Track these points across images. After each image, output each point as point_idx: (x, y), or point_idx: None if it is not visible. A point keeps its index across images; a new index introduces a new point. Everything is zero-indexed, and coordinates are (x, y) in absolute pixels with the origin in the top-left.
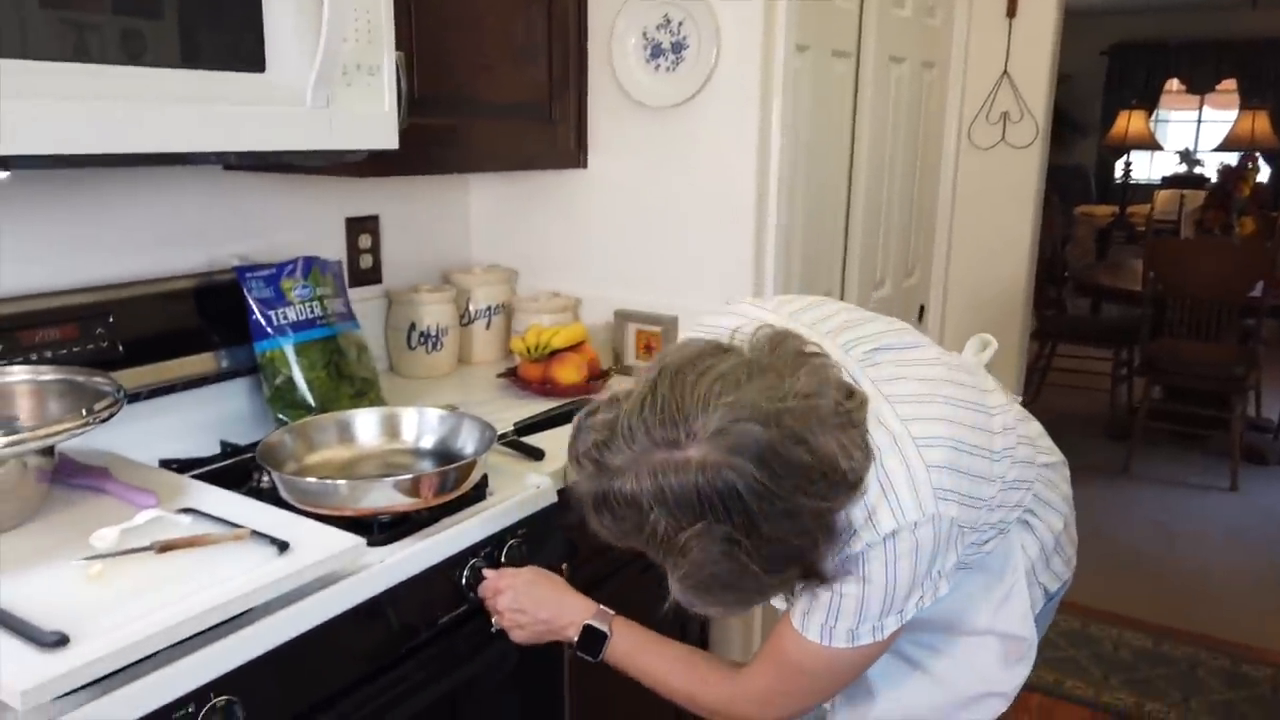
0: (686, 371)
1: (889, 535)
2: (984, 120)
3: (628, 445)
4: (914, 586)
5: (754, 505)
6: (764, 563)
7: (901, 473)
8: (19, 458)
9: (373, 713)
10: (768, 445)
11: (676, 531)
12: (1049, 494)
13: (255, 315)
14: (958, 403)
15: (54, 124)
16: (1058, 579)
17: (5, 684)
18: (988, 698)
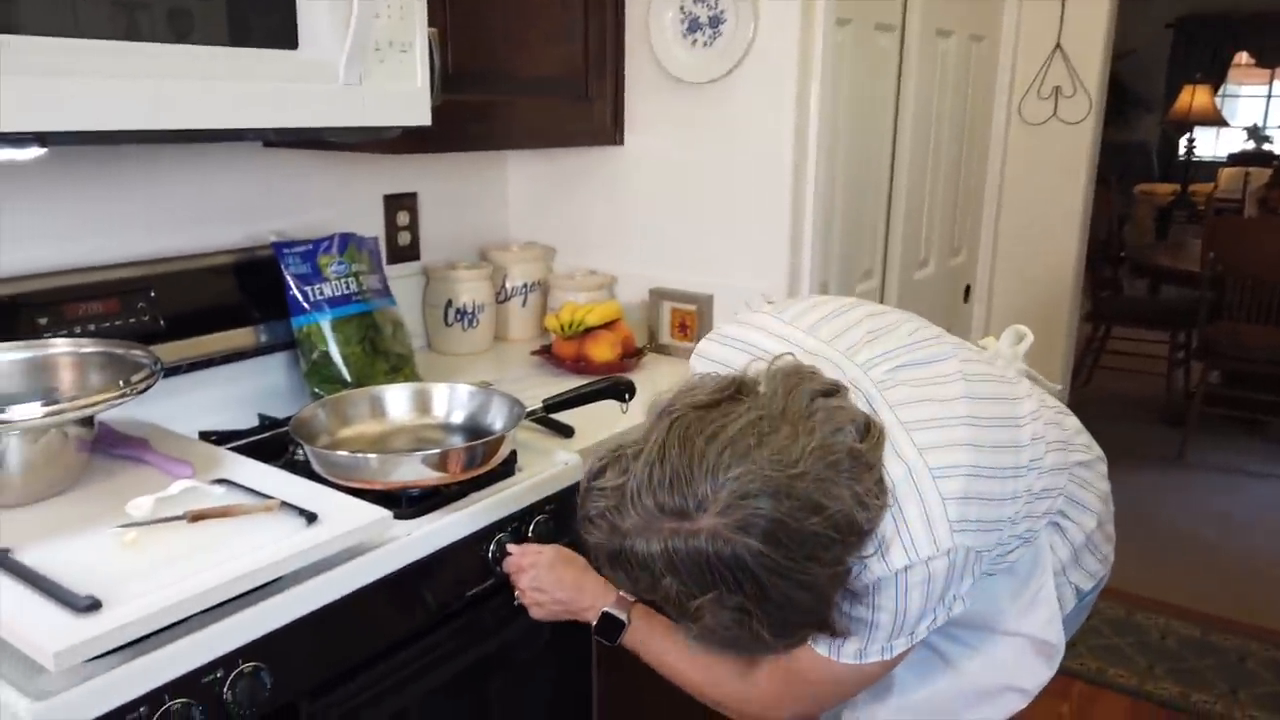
0: (695, 435)
1: (901, 570)
2: (1035, 95)
3: (637, 512)
4: (925, 613)
5: (765, 579)
6: (775, 629)
7: (915, 508)
8: (59, 427)
9: (398, 683)
10: (777, 522)
11: (688, 598)
12: (1082, 494)
13: (292, 291)
14: (980, 422)
15: (93, 101)
16: (1091, 578)
17: (39, 646)
18: (1007, 692)
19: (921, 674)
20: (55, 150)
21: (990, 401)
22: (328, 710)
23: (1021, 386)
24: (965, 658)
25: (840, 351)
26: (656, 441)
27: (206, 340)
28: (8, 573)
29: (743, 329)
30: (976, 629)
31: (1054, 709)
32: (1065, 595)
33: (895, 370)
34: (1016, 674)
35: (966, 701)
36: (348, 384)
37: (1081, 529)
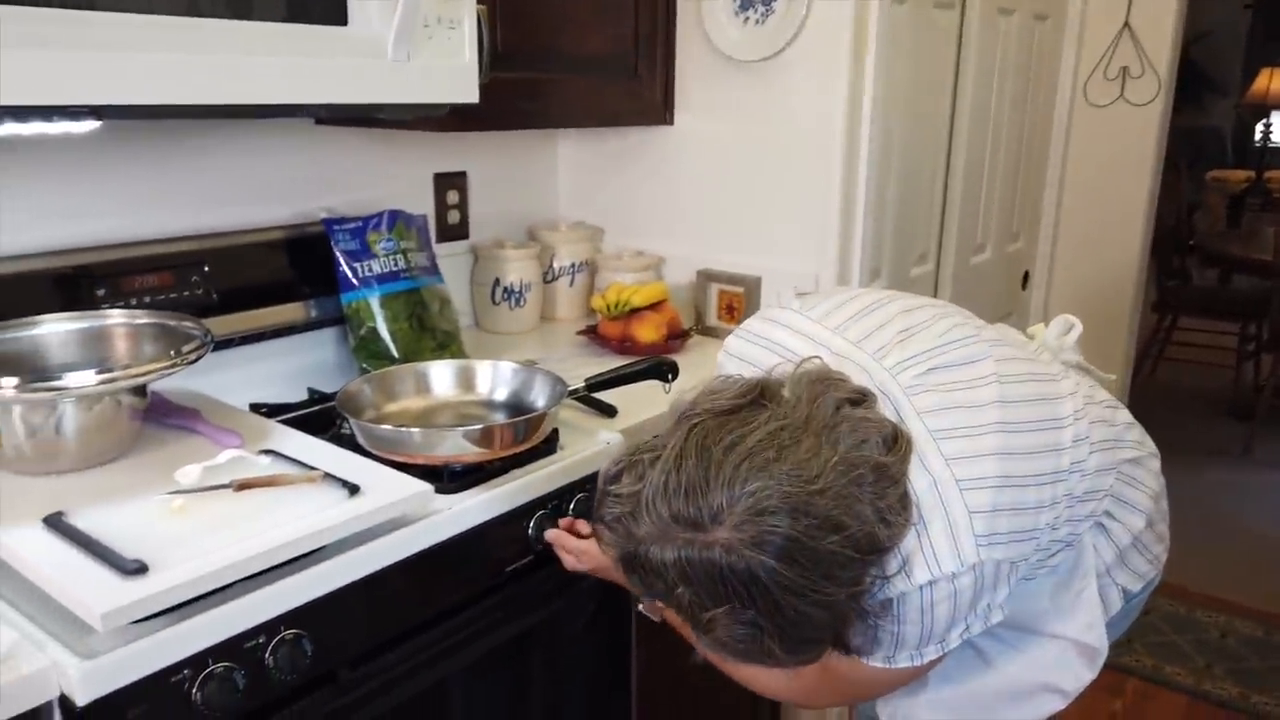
0: (713, 444)
1: (924, 585)
2: (1101, 76)
3: (651, 520)
4: (954, 624)
5: (780, 596)
6: (787, 645)
7: (940, 522)
8: (113, 395)
9: (437, 655)
10: (793, 540)
11: (701, 609)
12: (1131, 493)
13: (342, 267)
14: (1014, 428)
15: (148, 75)
16: (1140, 579)
17: (87, 606)
18: (1046, 693)
19: (958, 670)
20: (110, 124)
21: (1027, 404)
22: (367, 679)
23: (1065, 384)
24: (1004, 657)
25: (869, 354)
26: (674, 448)
27: (258, 314)
28: (60, 535)
29: (770, 326)
30: (1017, 629)
31: (1107, 706)
32: (1111, 597)
33: (926, 374)
34: (1057, 675)
35: (1003, 700)
36: (395, 360)
37: (1128, 529)
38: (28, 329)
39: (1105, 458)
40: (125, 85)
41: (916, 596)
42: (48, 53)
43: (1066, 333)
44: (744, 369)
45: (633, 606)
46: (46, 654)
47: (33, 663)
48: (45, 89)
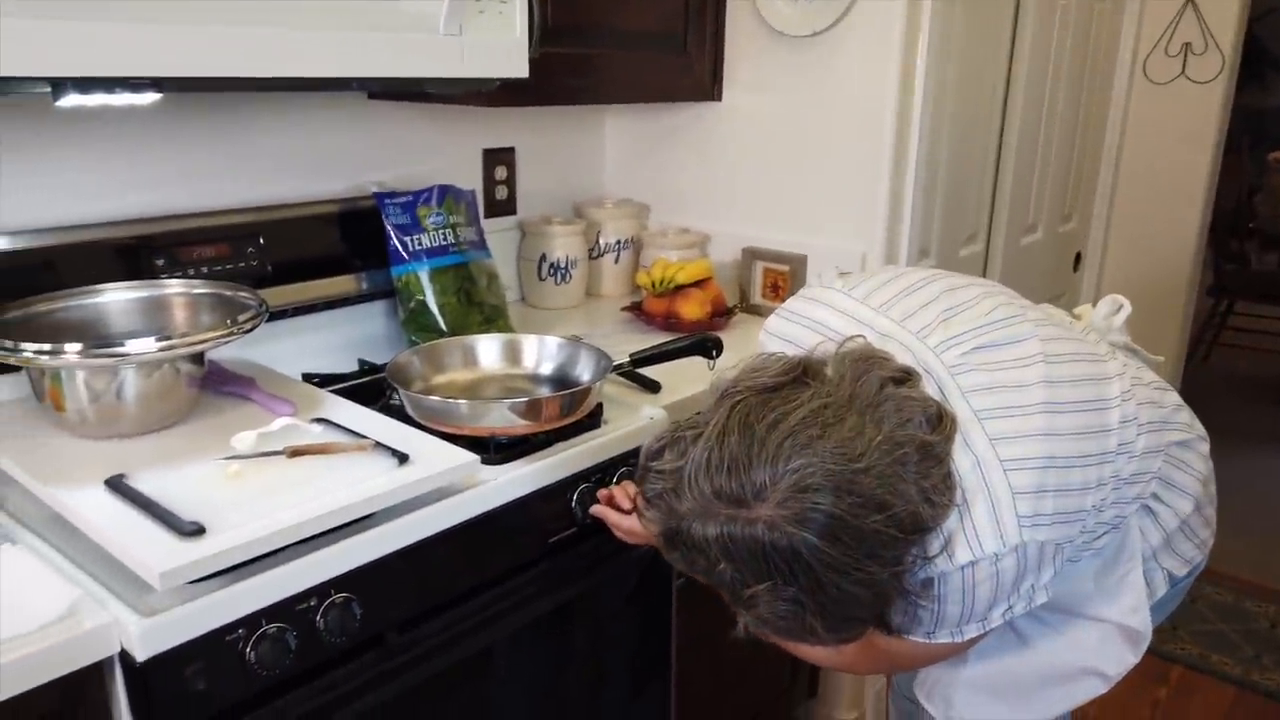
0: (756, 421)
1: (965, 566)
2: (1162, 53)
3: (693, 496)
4: (996, 603)
5: (823, 574)
6: (829, 623)
7: (984, 503)
8: (172, 363)
9: (481, 623)
10: (837, 518)
11: (743, 585)
12: (1178, 476)
13: (393, 241)
14: (1060, 408)
15: (207, 48)
16: (1186, 564)
17: (147, 566)
18: (1086, 676)
19: (997, 650)
20: (170, 97)
21: (1073, 384)
22: (414, 644)
23: (1112, 365)
24: (1045, 638)
25: (912, 333)
26: (717, 425)
27: (311, 286)
28: (122, 497)
29: (811, 305)
30: (1059, 611)
31: (1151, 693)
32: (1156, 581)
33: (970, 353)
34: (1098, 658)
35: (1043, 682)
36: (443, 333)
37: (1176, 513)
38: (91, 297)
39: (1153, 439)
40: (185, 58)
41: (958, 577)
42: (110, 25)
43: (1115, 313)
44: (786, 348)
45: (674, 580)
46: (108, 611)
47: (95, 618)
48: (107, 61)
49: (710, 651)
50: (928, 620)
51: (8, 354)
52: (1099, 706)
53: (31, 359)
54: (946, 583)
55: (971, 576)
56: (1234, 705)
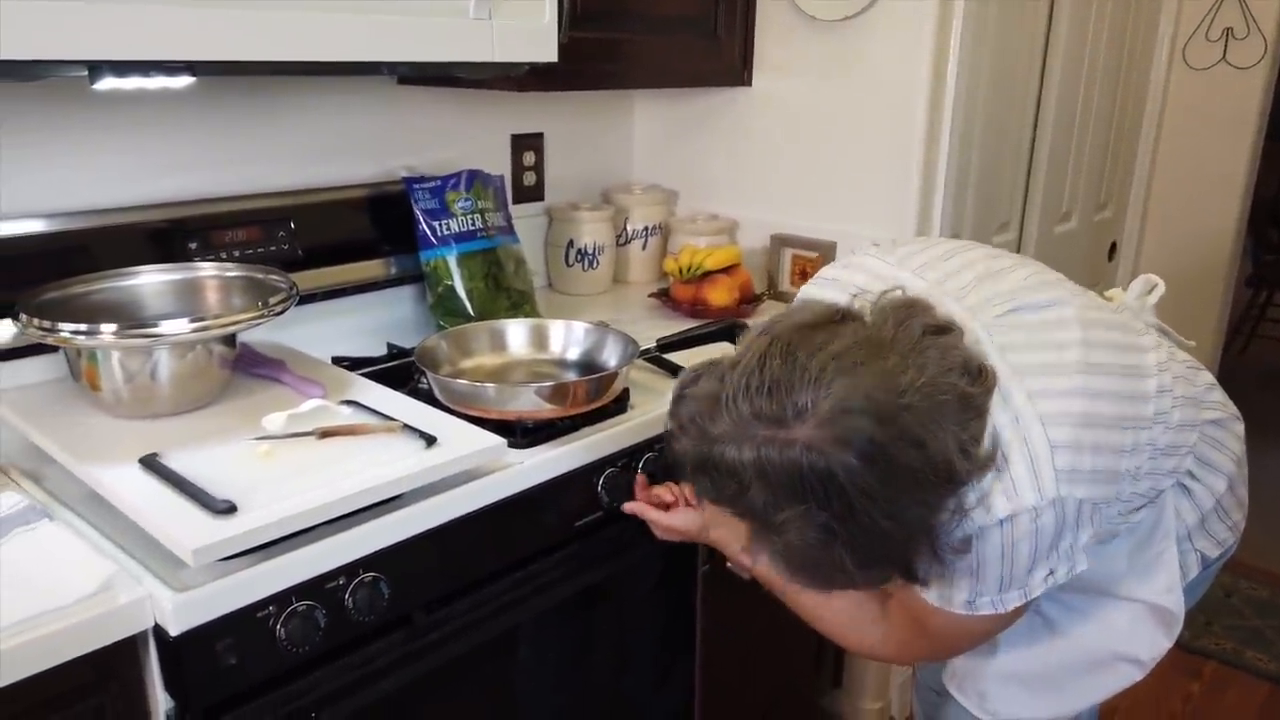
0: (799, 347)
1: (1005, 519)
2: (1202, 38)
3: (730, 417)
4: (1036, 564)
5: (856, 500)
6: (858, 557)
7: (1021, 456)
8: (204, 344)
9: (507, 605)
10: (878, 445)
11: (774, 510)
12: (1212, 454)
13: (421, 226)
14: (1098, 370)
15: (241, 31)
16: (1219, 546)
17: (180, 543)
18: (1119, 662)
19: (1027, 640)
20: (204, 82)
21: (1111, 349)
22: (441, 624)
23: (1148, 338)
24: (1076, 625)
25: (949, 294)
26: (756, 352)
27: (341, 270)
28: (156, 475)
29: (846, 270)
30: (1088, 593)
31: (1184, 687)
32: (1189, 562)
33: (1007, 315)
34: (1131, 643)
35: (1076, 669)
36: (470, 317)
37: (1211, 492)
38: (126, 279)
39: (1188, 414)
40: (219, 41)
41: (996, 533)
42: (146, 8)
43: (1148, 292)
44: None
45: (699, 565)
46: (143, 586)
47: (130, 593)
48: (143, 45)
49: (735, 637)
50: (967, 586)
51: (45, 333)
52: (1130, 700)
53: (68, 339)
54: (985, 540)
55: (1010, 533)
56: (1268, 701)
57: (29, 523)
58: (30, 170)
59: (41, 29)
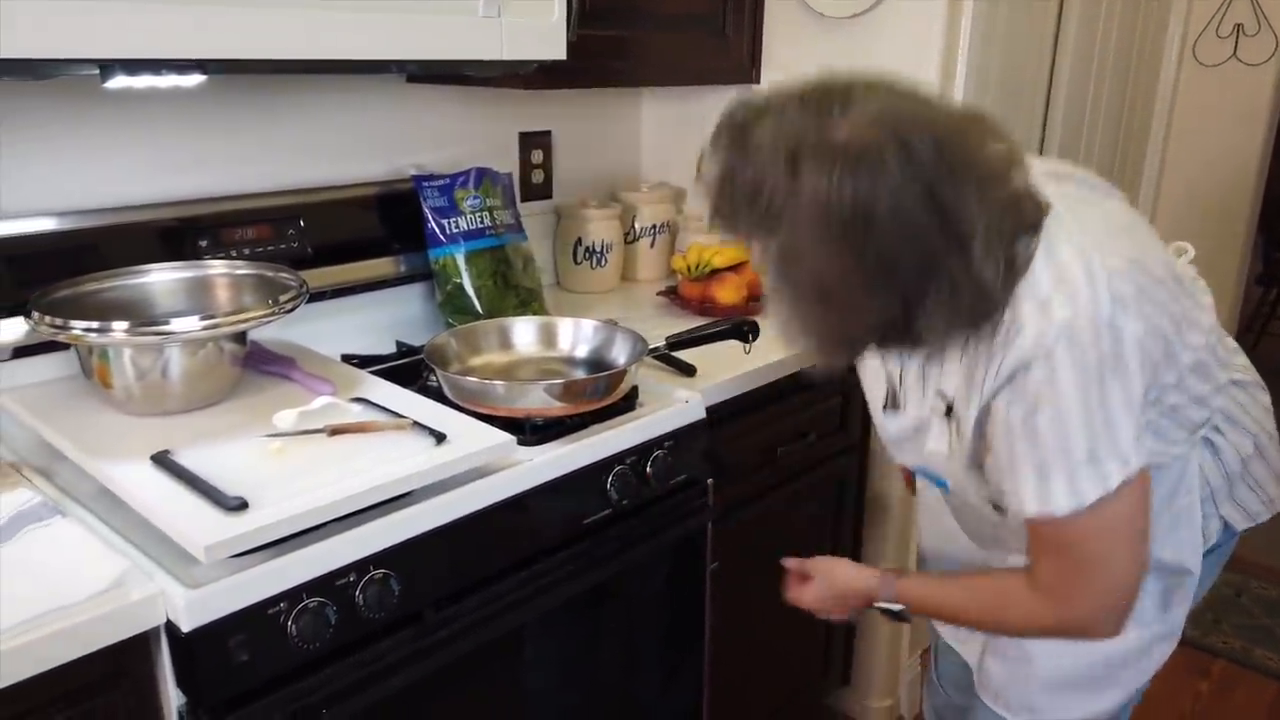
0: (857, 82)
1: (1063, 331)
2: (1212, 34)
3: (775, 117)
4: (1105, 402)
5: (880, 188)
6: (869, 267)
7: (1078, 266)
8: (215, 341)
9: (516, 602)
10: (907, 144)
11: (794, 193)
12: (1239, 413)
13: (430, 224)
14: (1147, 252)
15: (251, 30)
16: (1248, 517)
17: (192, 539)
18: (1155, 645)
19: (1055, 643)
20: (214, 81)
21: (1160, 262)
22: (450, 621)
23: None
24: None
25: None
26: (811, 79)
27: (349, 268)
28: (168, 472)
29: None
30: None
31: (1193, 686)
32: (1211, 529)
33: (1069, 178)
34: (1154, 622)
35: (1118, 662)
36: (479, 315)
37: (1238, 452)
38: (137, 277)
39: (1216, 369)
40: (230, 39)
41: (1050, 362)
42: (157, 7)
43: (1179, 257)
44: None
45: (708, 563)
46: (155, 582)
47: (142, 589)
48: (154, 43)
49: (744, 636)
50: (1053, 450)
51: (57, 331)
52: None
53: (80, 336)
54: (1026, 378)
55: (1066, 356)
56: (1277, 700)
57: (41, 519)
58: (41, 168)
59: (53, 28)
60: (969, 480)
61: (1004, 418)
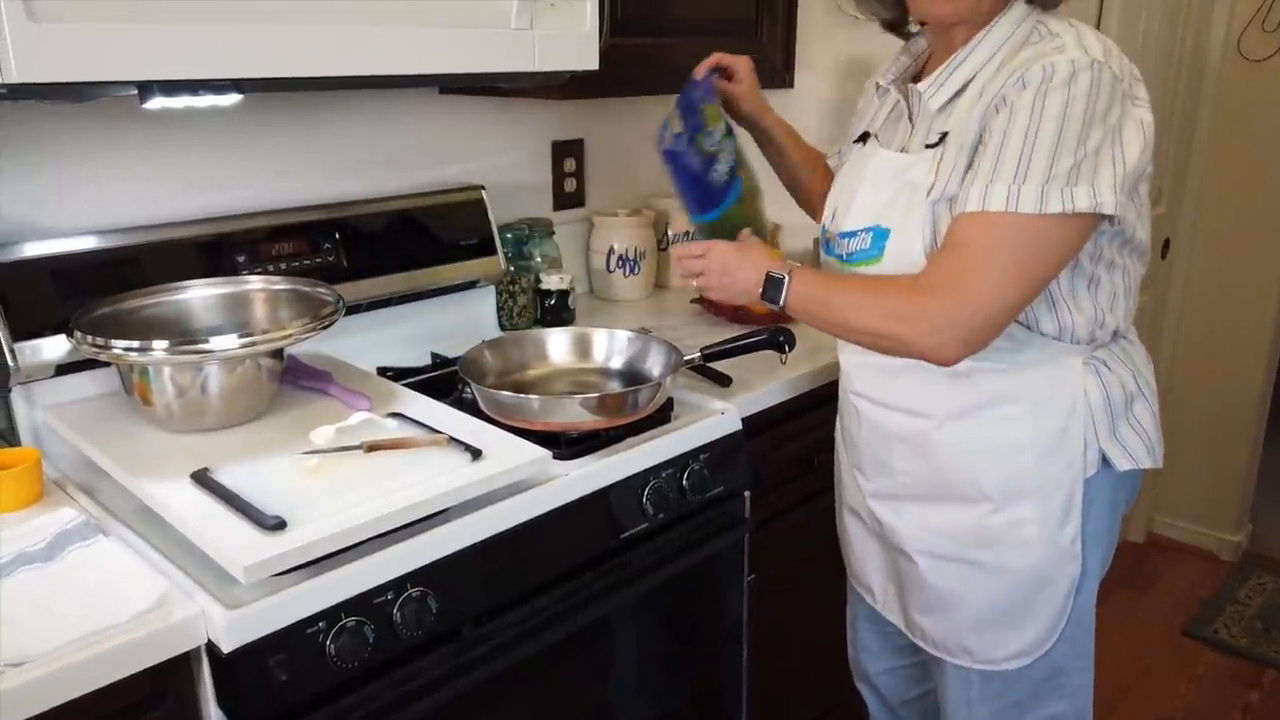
0: None
1: (1094, 66)
2: (1258, 28)
3: None
4: (1060, 144)
5: None
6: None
7: (1115, 47)
8: (253, 358)
9: (553, 617)
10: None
11: None
12: (1123, 358)
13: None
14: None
15: (287, 48)
16: (1128, 457)
17: (231, 559)
18: (1055, 569)
19: (976, 588)
20: (250, 98)
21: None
22: (488, 638)
23: None
24: (1006, 557)
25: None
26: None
27: (385, 280)
28: (207, 490)
29: None
30: (1005, 508)
31: (1242, 698)
32: (1091, 458)
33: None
34: (1041, 538)
35: (1029, 593)
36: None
37: (1122, 387)
38: (176, 294)
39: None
40: (266, 59)
41: (1036, 74)
42: (194, 29)
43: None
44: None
45: (745, 575)
46: (195, 602)
47: (184, 610)
48: (192, 64)
49: (784, 646)
50: (1036, 153)
51: (99, 350)
52: (1184, 711)
53: (121, 355)
54: (1026, 82)
55: (1046, 86)
56: None
57: (85, 539)
58: (82, 188)
59: (93, 52)
60: (921, 220)
61: (1005, 118)
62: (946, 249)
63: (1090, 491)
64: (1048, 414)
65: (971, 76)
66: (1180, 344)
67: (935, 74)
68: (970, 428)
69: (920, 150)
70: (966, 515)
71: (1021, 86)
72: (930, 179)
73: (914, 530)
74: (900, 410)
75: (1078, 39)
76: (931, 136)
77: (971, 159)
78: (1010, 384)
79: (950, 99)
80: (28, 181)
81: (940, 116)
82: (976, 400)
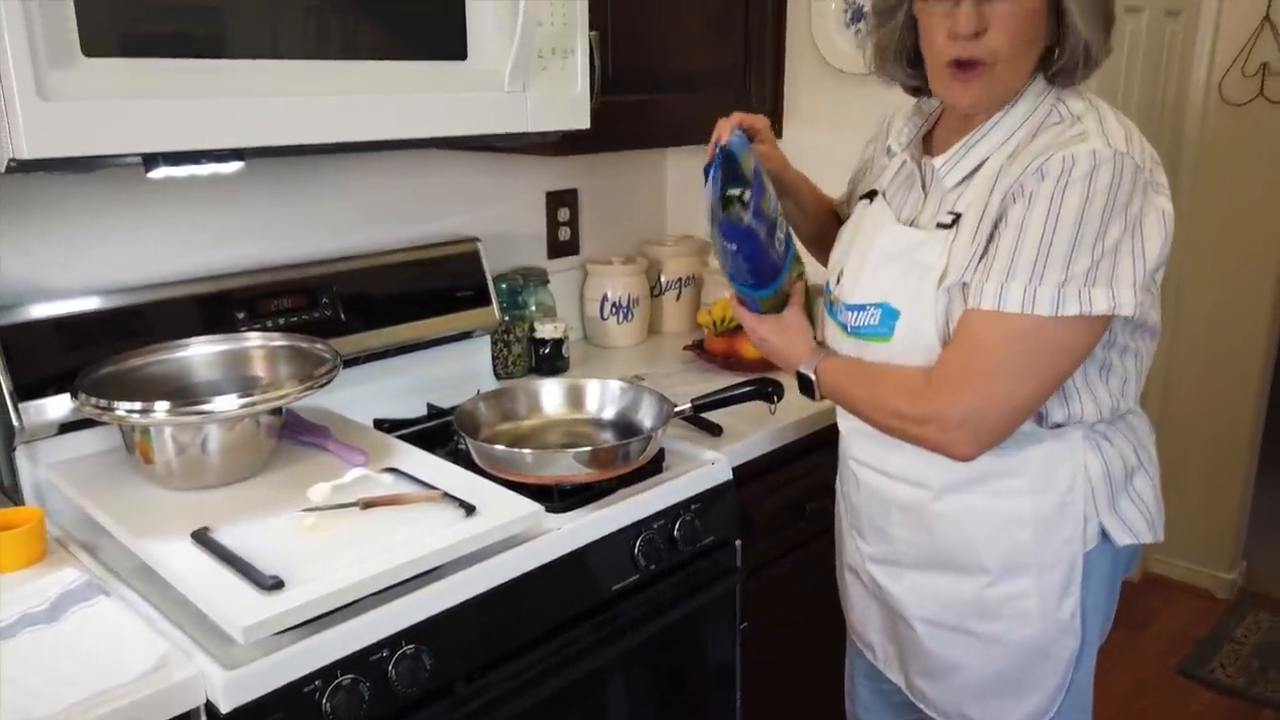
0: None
1: (1115, 158)
2: (1238, 73)
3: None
4: (1079, 234)
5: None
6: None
7: (1136, 133)
8: (252, 416)
9: (546, 671)
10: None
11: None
12: (1126, 431)
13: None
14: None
15: (286, 118)
16: (1128, 531)
17: (230, 620)
18: (1054, 643)
19: (978, 657)
20: (250, 161)
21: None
22: (482, 693)
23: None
24: (1008, 630)
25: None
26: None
27: (382, 333)
28: (207, 550)
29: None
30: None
31: None
32: (1090, 532)
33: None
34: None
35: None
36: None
37: (1122, 460)
38: (177, 351)
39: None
40: (265, 129)
41: (1056, 165)
42: (196, 103)
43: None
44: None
45: (738, 625)
46: (194, 663)
47: (183, 670)
48: (193, 136)
49: (776, 693)
50: (1051, 252)
51: (101, 412)
52: None
53: (123, 417)
54: (1045, 174)
55: (1067, 176)
56: None
57: (87, 599)
58: (89, 251)
59: (101, 127)
60: (933, 304)
61: (1023, 209)
62: (960, 343)
63: (1089, 564)
64: (1047, 489)
65: (988, 155)
66: (1170, 384)
67: (952, 151)
68: (969, 500)
69: (932, 228)
70: (965, 586)
71: (1040, 177)
72: (942, 264)
73: (913, 597)
74: (899, 479)
75: (1099, 125)
76: (944, 215)
77: (986, 246)
78: (1010, 459)
79: (965, 177)
80: (34, 245)
81: (954, 192)
82: (975, 473)
